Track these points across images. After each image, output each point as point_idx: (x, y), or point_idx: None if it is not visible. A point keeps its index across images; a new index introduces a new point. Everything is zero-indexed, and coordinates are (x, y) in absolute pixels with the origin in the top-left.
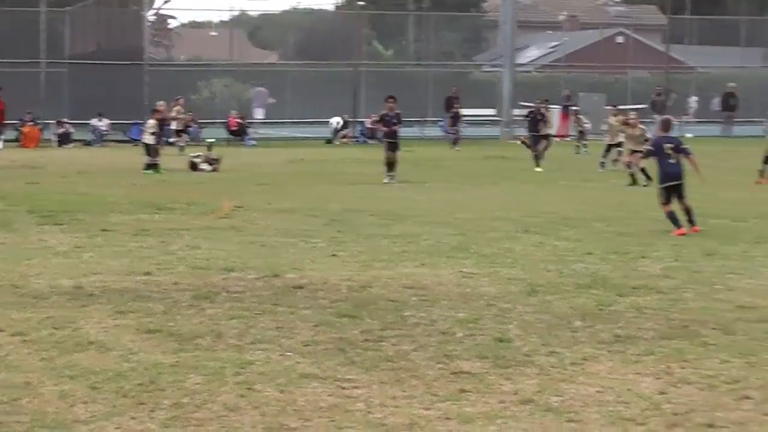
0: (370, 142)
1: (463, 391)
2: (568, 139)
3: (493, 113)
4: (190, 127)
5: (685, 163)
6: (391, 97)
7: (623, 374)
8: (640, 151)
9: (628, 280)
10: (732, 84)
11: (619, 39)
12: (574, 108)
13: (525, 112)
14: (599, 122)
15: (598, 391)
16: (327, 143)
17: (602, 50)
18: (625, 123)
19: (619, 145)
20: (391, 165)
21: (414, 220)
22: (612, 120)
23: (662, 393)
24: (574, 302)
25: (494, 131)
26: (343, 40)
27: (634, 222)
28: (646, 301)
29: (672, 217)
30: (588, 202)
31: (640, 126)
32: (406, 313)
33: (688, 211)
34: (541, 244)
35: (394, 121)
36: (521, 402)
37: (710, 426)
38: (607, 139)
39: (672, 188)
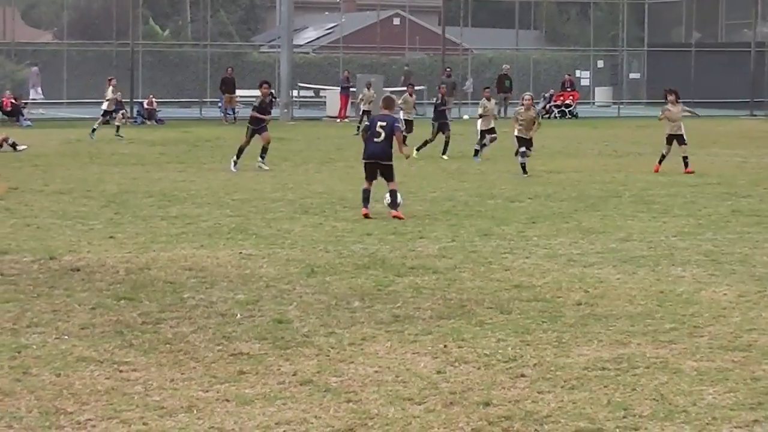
0: (148, 122)
1: (242, 372)
2: (347, 120)
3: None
4: None
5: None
6: (266, 82)
7: (401, 354)
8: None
9: (406, 261)
10: (506, 66)
11: (396, 20)
12: (353, 89)
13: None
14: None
15: (376, 371)
16: (104, 124)
17: (379, 31)
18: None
19: (492, 130)
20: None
21: (192, 201)
22: (486, 103)
23: (440, 372)
24: (353, 283)
25: (273, 112)
26: (118, 19)
27: (412, 202)
28: (424, 281)
29: (364, 196)
30: None
31: (534, 108)
32: (185, 295)
33: (391, 195)
34: (320, 225)
35: (269, 109)
36: (300, 383)
37: (487, 404)
38: (480, 124)
39: (374, 167)
